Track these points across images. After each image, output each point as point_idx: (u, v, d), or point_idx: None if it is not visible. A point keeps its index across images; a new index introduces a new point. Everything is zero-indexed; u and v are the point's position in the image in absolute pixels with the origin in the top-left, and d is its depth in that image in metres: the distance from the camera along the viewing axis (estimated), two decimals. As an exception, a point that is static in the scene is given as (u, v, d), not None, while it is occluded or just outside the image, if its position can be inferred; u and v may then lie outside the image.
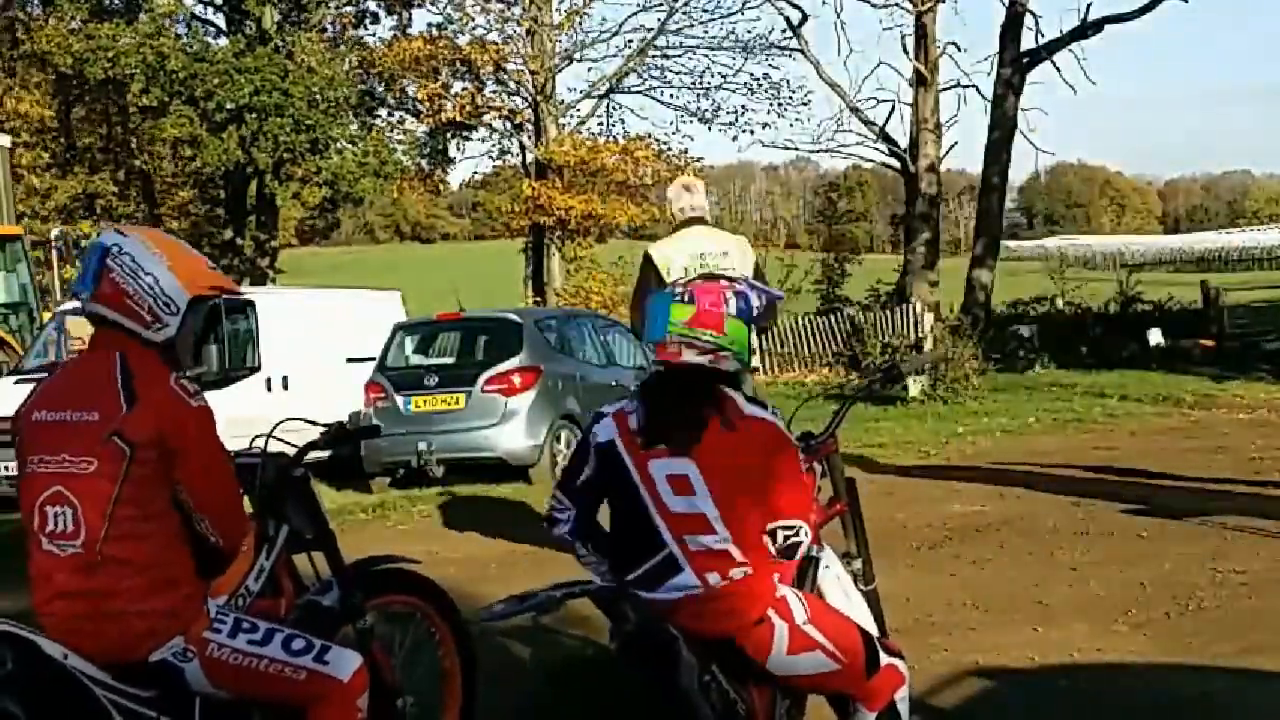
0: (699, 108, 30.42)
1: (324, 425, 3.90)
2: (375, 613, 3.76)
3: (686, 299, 3.36)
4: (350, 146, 28.76)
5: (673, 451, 3.31)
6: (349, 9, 30.83)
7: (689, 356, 3.33)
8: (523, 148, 30.56)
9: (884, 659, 3.47)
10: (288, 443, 3.66)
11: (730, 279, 3.53)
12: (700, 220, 6.57)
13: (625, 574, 3.38)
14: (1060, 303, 25.11)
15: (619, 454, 3.37)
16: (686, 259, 6.23)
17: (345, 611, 3.61)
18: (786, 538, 3.34)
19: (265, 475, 3.52)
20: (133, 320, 3.15)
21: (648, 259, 6.46)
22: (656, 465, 3.33)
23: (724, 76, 30.19)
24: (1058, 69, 24.15)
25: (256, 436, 3.65)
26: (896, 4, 24.15)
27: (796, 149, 44.87)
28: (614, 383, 13.63)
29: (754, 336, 3.50)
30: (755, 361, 3.79)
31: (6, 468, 10.43)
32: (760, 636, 3.30)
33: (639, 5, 29.71)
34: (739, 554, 3.30)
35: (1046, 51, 23.68)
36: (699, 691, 3.23)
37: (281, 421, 3.75)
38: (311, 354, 13.25)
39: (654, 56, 30.04)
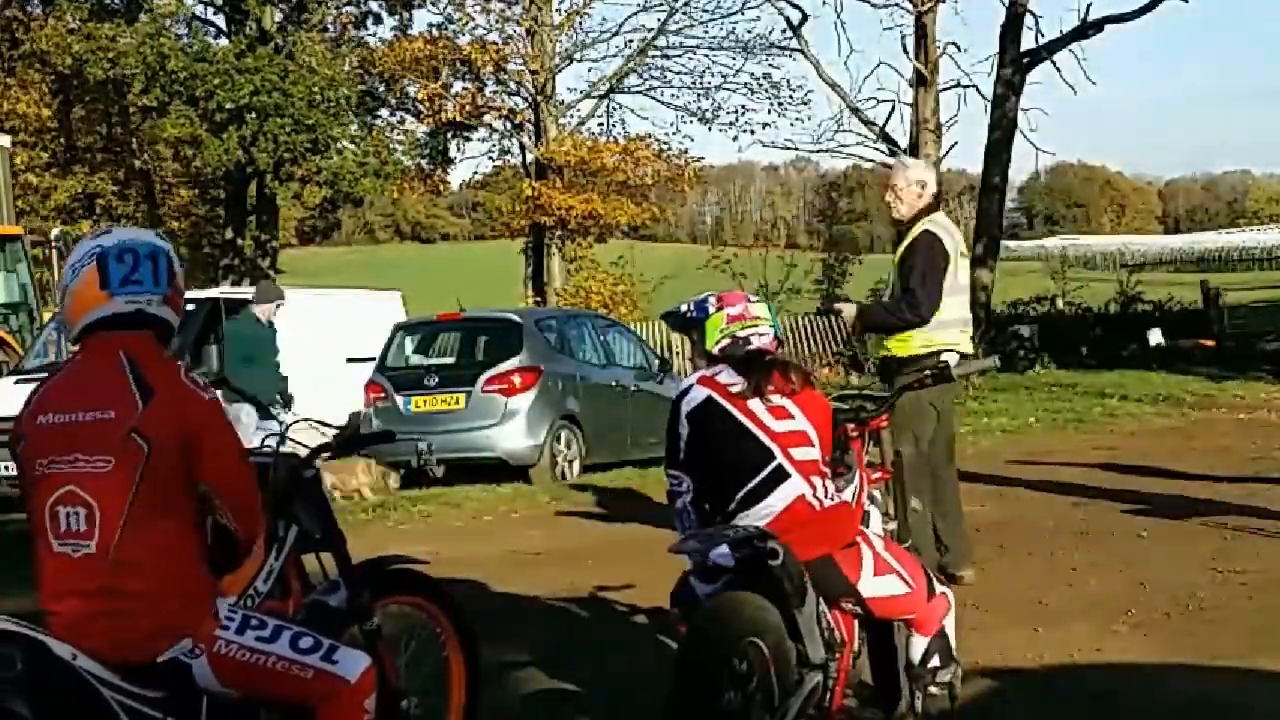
0: (699, 108, 30.45)
1: (338, 428, 3.92)
2: (381, 613, 3.76)
3: (715, 310, 4.09)
4: (351, 146, 28.76)
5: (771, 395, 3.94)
6: (350, 9, 30.85)
7: (757, 343, 4.05)
8: (523, 148, 30.57)
9: (938, 587, 4.05)
10: (299, 442, 3.67)
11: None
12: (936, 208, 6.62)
13: (736, 493, 3.88)
14: (1060, 303, 25.12)
15: (718, 405, 3.94)
16: (959, 241, 6.46)
17: (352, 612, 3.62)
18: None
19: (277, 475, 3.53)
20: (179, 316, 3.25)
21: (937, 237, 6.35)
22: (756, 403, 3.93)
23: (724, 76, 30.20)
24: (1058, 69, 24.12)
25: (268, 436, 3.67)
26: (896, 4, 24.13)
27: (796, 149, 44.88)
28: (614, 383, 13.65)
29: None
30: None
31: (7, 468, 10.44)
32: (853, 557, 3.88)
33: (639, 5, 29.75)
34: (824, 465, 3.95)
35: (1046, 51, 23.66)
36: (815, 619, 3.73)
37: (295, 422, 3.76)
38: (311, 354, 13.26)
39: (654, 56, 30.08)
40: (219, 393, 3.24)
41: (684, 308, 4.20)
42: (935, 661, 4.01)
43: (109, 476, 3.01)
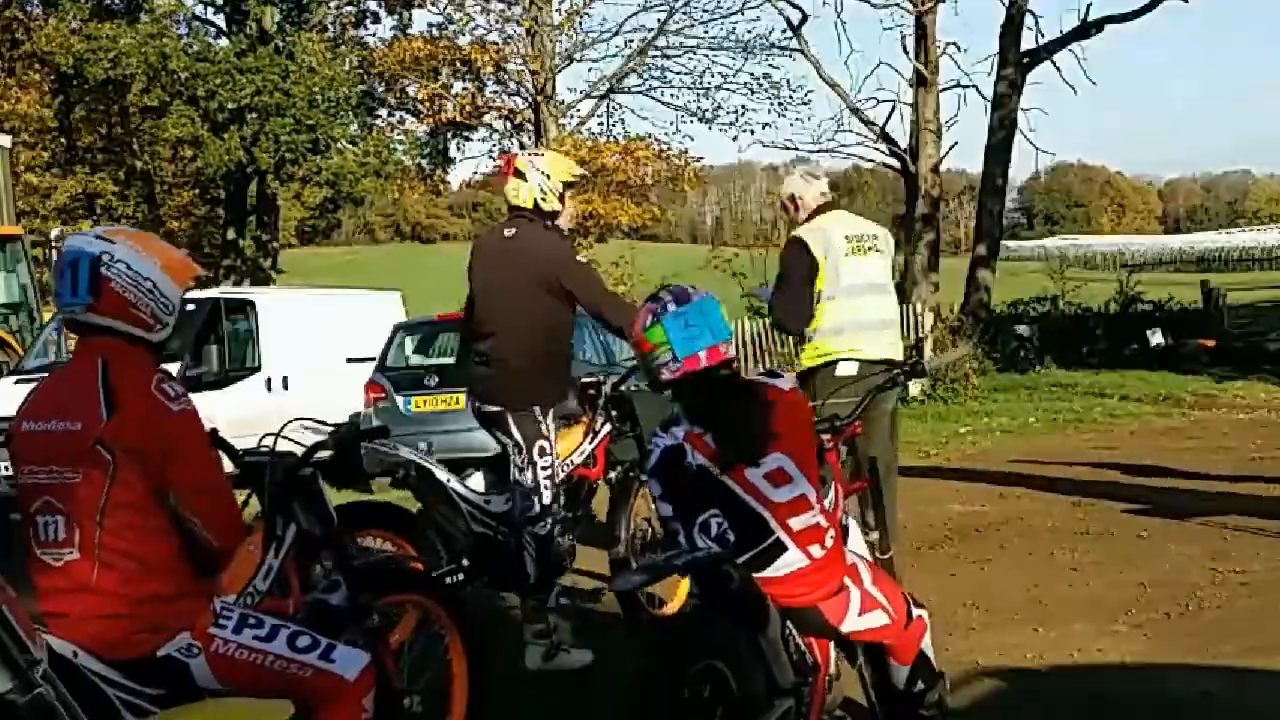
0: (699, 108, 30.41)
1: (333, 425, 3.92)
2: (384, 611, 3.76)
3: (631, 339, 3.69)
4: (351, 146, 28.77)
5: (760, 456, 3.56)
6: (349, 9, 30.86)
7: (664, 376, 3.60)
8: (523, 148, 30.56)
9: (914, 611, 3.87)
10: (297, 442, 3.68)
11: (656, 294, 3.73)
12: (834, 205, 6.28)
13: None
14: (1060, 303, 25.09)
15: (712, 474, 3.58)
16: (843, 240, 5.97)
17: (353, 610, 3.62)
18: None
19: (274, 475, 3.53)
20: (137, 326, 3.14)
21: (800, 243, 5.99)
22: (751, 471, 3.56)
23: (724, 76, 30.22)
24: (1058, 69, 24.14)
25: (265, 435, 3.67)
26: (896, 4, 24.16)
27: (796, 149, 44.70)
28: (614, 382, 13.63)
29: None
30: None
31: (6, 467, 10.45)
32: (839, 603, 3.66)
33: (639, 5, 29.77)
34: (824, 520, 3.64)
35: (1046, 51, 23.68)
36: (781, 643, 3.54)
37: (290, 421, 3.77)
38: (311, 354, 13.26)
39: (654, 56, 30.04)
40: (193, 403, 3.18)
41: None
42: (920, 685, 3.90)
43: (79, 486, 3.02)
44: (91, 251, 3.11)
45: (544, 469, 5.50)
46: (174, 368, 10.87)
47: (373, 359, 13.07)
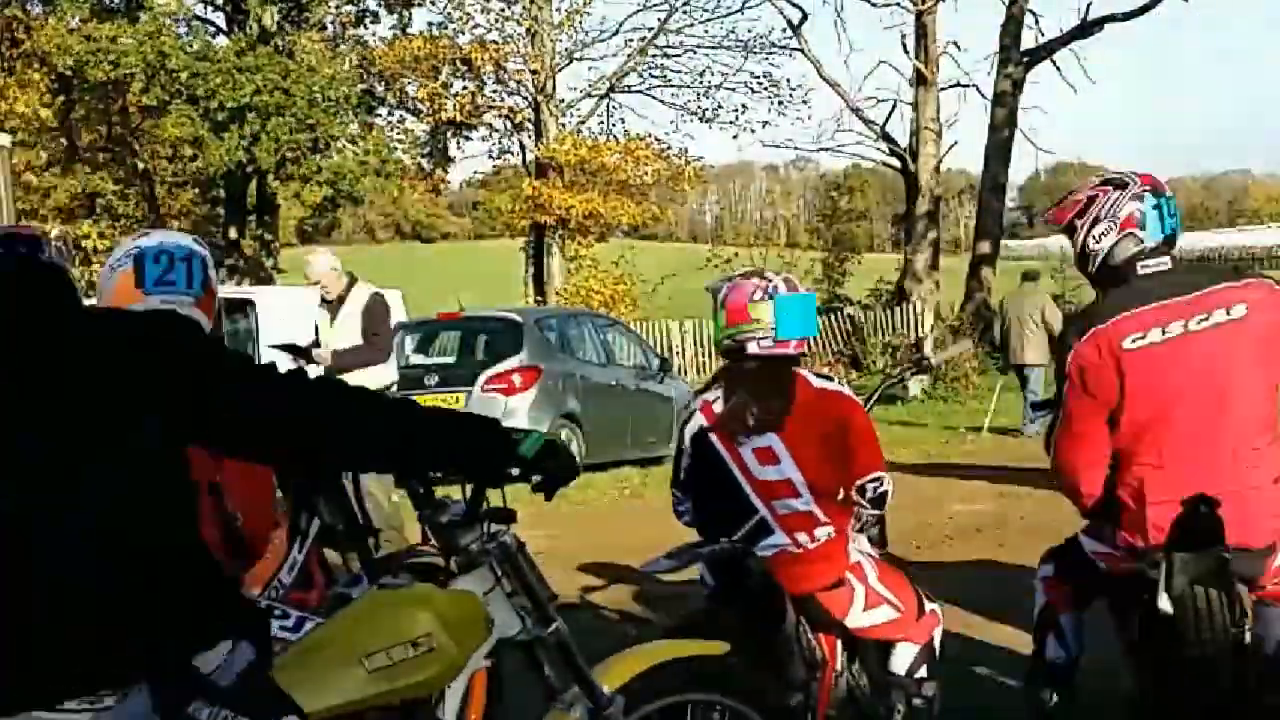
0: (699, 107, 30.45)
1: None
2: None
3: (719, 305, 3.81)
4: (351, 146, 28.75)
5: (755, 431, 3.70)
6: (349, 8, 30.82)
7: (755, 349, 3.76)
8: (523, 147, 30.59)
9: (928, 604, 3.95)
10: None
11: (761, 274, 3.91)
12: None
13: (725, 536, 3.69)
14: (1061, 302, 25.10)
15: (710, 442, 3.76)
16: None
17: None
18: (875, 489, 3.80)
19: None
20: (213, 324, 3.30)
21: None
22: (745, 446, 3.73)
23: (724, 76, 30.23)
24: (1058, 69, 24.21)
25: None
26: (896, 3, 24.20)
27: (797, 149, 45.07)
28: (614, 382, 13.64)
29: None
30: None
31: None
32: (840, 597, 3.72)
33: (639, 5, 29.76)
34: (822, 515, 3.71)
35: (1046, 51, 23.73)
36: (794, 639, 3.62)
37: None
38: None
39: (654, 56, 30.09)
40: None
41: (718, 288, 3.89)
42: (922, 673, 3.92)
43: None
44: (202, 252, 3.28)
45: None
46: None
47: (373, 359, 13.05)
